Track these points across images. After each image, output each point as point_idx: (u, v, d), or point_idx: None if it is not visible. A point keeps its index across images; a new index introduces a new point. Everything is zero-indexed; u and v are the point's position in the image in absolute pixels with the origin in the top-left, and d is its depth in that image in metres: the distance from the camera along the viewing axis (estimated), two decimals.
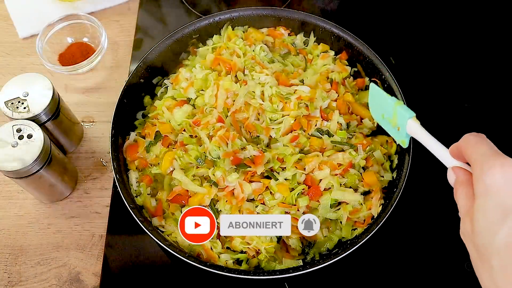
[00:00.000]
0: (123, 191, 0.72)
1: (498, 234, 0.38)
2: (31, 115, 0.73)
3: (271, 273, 0.66)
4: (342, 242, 0.73)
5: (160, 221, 0.73)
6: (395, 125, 0.60)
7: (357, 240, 0.68)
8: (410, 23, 1.05)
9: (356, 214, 0.73)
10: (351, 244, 0.68)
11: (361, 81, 0.87)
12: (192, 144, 0.77)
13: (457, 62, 0.99)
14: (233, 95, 0.79)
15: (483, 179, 0.40)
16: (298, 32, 0.93)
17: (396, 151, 0.79)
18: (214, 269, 0.66)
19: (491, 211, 0.39)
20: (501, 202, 0.39)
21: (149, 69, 0.86)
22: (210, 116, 0.78)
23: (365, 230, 0.71)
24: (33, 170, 0.70)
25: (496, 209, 0.39)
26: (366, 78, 0.87)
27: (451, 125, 0.90)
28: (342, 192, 0.73)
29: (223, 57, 0.85)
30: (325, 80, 0.85)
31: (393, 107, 0.59)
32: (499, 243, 0.38)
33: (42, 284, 0.74)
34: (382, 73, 0.83)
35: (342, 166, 0.75)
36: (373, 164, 0.77)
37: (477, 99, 0.94)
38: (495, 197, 0.39)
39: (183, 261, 0.66)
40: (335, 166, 0.75)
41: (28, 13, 1.03)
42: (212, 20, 0.90)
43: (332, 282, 0.75)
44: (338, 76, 0.86)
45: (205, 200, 0.73)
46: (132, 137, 0.81)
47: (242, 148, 0.75)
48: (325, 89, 0.83)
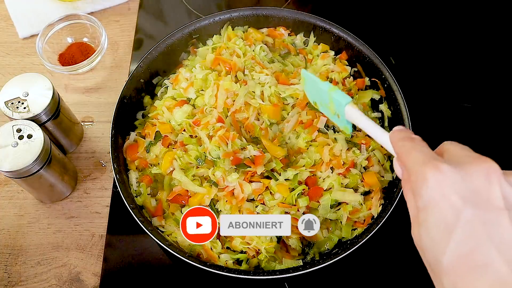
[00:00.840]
0: (123, 191, 0.72)
1: (445, 254, 0.34)
2: (31, 115, 0.73)
3: (271, 273, 0.66)
4: (342, 242, 0.73)
5: (160, 221, 0.73)
6: (334, 113, 0.55)
7: (357, 240, 0.68)
8: (410, 23, 1.05)
9: (356, 214, 0.73)
10: (351, 244, 0.68)
11: (361, 81, 0.87)
12: (192, 144, 0.77)
13: (457, 62, 0.99)
14: (233, 95, 0.79)
15: (421, 194, 0.37)
16: (298, 32, 0.93)
17: None
18: (214, 269, 0.66)
19: (433, 229, 0.36)
20: (442, 218, 0.35)
21: (149, 69, 0.86)
22: (210, 116, 0.78)
23: (365, 230, 0.71)
24: (33, 170, 0.70)
25: (438, 226, 0.35)
26: (366, 78, 0.87)
27: (451, 125, 0.90)
28: (342, 192, 0.73)
29: (223, 57, 0.85)
30: (325, 79, 0.85)
31: (327, 93, 0.54)
32: (447, 264, 0.35)
33: (42, 284, 0.74)
34: (382, 73, 0.83)
35: (346, 164, 0.75)
36: (374, 164, 0.77)
37: (477, 99, 0.94)
38: (435, 213, 0.36)
39: (183, 261, 0.66)
40: (340, 165, 0.75)
41: (28, 13, 1.03)
42: (212, 20, 0.90)
43: (332, 282, 0.75)
44: (338, 76, 0.86)
45: (205, 200, 0.73)
46: (132, 137, 0.81)
47: (242, 148, 0.75)
48: None
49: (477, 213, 0.34)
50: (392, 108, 0.82)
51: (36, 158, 0.68)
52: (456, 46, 1.01)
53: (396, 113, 0.80)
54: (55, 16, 0.95)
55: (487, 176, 0.35)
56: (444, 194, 0.35)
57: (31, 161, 0.68)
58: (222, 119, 0.78)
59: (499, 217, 0.34)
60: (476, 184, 0.35)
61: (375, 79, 0.85)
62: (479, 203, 0.34)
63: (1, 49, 1.00)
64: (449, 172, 0.35)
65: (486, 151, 0.97)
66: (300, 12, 0.91)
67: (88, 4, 1.04)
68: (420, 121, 0.80)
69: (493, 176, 0.35)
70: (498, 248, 0.33)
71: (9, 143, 0.68)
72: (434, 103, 0.92)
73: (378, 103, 0.85)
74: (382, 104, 0.84)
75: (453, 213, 0.34)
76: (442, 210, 0.35)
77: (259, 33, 0.91)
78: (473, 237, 0.33)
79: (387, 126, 0.83)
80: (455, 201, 0.34)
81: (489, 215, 0.34)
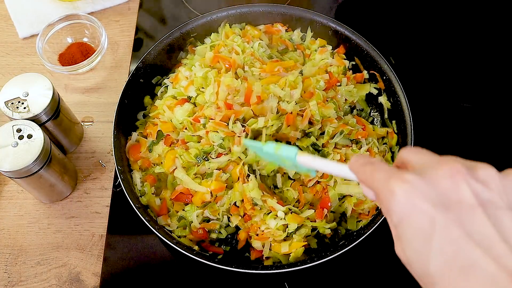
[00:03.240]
0: (128, 191, 0.72)
1: (430, 263, 0.34)
2: (31, 115, 0.73)
3: (279, 267, 0.66)
4: (348, 234, 0.74)
5: (165, 220, 0.74)
6: (292, 165, 0.53)
7: (363, 231, 0.69)
8: (410, 23, 1.05)
9: (361, 206, 0.74)
10: (357, 236, 0.68)
11: (360, 75, 0.88)
12: (193, 141, 0.77)
13: (457, 62, 0.99)
14: (234, 91, 0.79)
15: (393, 210, 0.36)
16: (295, 28, 0.93)
17: (397, 142, 0.80)
18: (222, 265, 0.66)
19: (414, 240, 0.35)
20: (418, 228, 0.34)
21: (148, 69, 0.86)
22: (209, 110, 0.77)
23: (370, 222, 0.71)
24: (33, 170, 0.70)
25: (417, 237, 0.35)
26: (365, 72, 0.87)
27: (451, 125, 0.90)
28: (346, 186, 0.74)
29: (222, 55, 0.84)
30: (324, 73, 0.86)
31: (274, 153, 0.53)
32: (434, 272, 0.34)
33: (42, 284, 0.74)
34: (380, 65, 0.83)
35: (348, 160, 0.75)
36: (375, 156, 0.77)
37: (477, 99, 0.94)
38: (411, 225, 0.35)
39: (187, 259, 0.66)
40: (342, 161, 0.75)
41: (28, 13, 1.03)
42: (209, 18, 0.90)
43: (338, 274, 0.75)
44: (337, 70, 0.87)
45: (206, 197, 0.73)
46: (134, 137, 0.81)
47: None
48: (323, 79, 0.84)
49: (451, 216, 0.34)
50: (391, 100, 0.83)
51: (36, 158, 0.68)
52: (456, 46, 1.01)
53: (395, 104, 0.81)
54: (55, 16, 0.95)
55: (452, 177, 0.35)
56: (414, 204, 0.34)
57: (31, 161, 0.68)
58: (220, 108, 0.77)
59: (474, 215, 0.33)
60: (443, 187, 0.35)
61: (374, 72, 0.85)
62: (451, 205, 0.34)
63: (1, 49, 1.00)
64: (415, 180, 0.35)
65: (486, 151, 0.97)
66: (296, 8, 0.91)
67: (88, 4, 1.04)
68: (420, 121, 0.80)
69: (457, 176, 0.35)
70: (480, 246, 0.32)
71: (9, 143, 0.68)
72: (434, 103, 0.92)
73: (376, 97, 0.86)
74: (381, 97, 0.85)
75: (427, 221, 0.34)
76: (417, 220, 0.35)
77: (256, 30, 0.91)
78: (453, 241, 0.33)
79: (387, 118, 0.84)
80: (426, 208, 0.34)
81: (463, 215, 0.34)
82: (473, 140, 0.89)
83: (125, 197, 0.72)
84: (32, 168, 0.69)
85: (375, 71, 0.85)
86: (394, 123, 0.82)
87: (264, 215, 0.72)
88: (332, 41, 0.91)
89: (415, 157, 0.39)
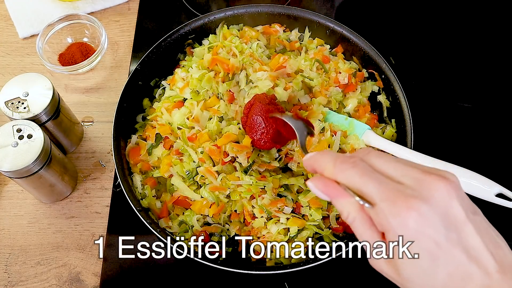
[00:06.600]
0: (129, 194, 0.72)
1: (437, 279, 0.37)
2: (31, 115, 0.73)
3: (278, 268, 0.66)
4: (348, 234, 0.73)
5: (166, 222, 0.74)
6: None
7: None
8: (410, 23, 1.05)
9: None
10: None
11: (360, 74, 0.87)
12: (186, 153, 0.76)
13: (457, 62, 0.99)
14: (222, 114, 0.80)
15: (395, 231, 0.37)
16: (293, 28, 0.93)
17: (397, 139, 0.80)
18: (224, 267, 0.66)
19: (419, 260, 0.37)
20: (424, 248, 0.36)
21: (147, 71, 0.85)
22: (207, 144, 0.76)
23: None
24: (33, 170, 0.70)
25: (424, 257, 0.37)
26: (364, 70, 0.87)
27: (451, 125, 0.90)
28: None
29: (221, 57, 0.84)
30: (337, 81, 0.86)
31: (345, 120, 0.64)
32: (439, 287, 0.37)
33: (42, 284, 0.74)
34: (379, 64, 0.83)
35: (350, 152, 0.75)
36: None
37: (477, 99, 0.94)
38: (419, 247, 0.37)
39: (188, 260, 0.66)
40: None
41: (28, 13, 1.03)
42: (207, 20, 0.90)
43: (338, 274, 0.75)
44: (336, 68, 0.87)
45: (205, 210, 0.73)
46: (133, 140, 0.80)
47: None
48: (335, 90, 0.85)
49: (452, 235, 0.36)
50: (390, 98, 0.83)
51: (36, 158, 0.68)
52: (456, 46, 1.01)
53: (395, 103, 0.81)
54: (55, 16, 0.95)
55: (448, 196, 0.37)
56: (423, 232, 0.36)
57: (31, 161, 0.68)
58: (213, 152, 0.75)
59: (465, 230, 0.37)
60: (443, 209, 0.37)
61: (372, 71, 0.85)
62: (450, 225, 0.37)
63: (1, 49, 1.00)
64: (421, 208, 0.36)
65: (486, 151, 0.97)
66: (294, 8, 0.91)
67: (88, 4, 1.04)
68: (420, 121, 0.80)
69: (452, 192, 0.37)
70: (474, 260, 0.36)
71: (9, 143, 0.68)
72: (434, 103, 0.92)
73: (376, 95, 0.86)
74: (380, 95, 0.85)
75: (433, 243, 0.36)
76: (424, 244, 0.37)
77: (254, 31, 0.91)
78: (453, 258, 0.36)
79: (386, 117, 0.84)
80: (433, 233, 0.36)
81: (460, 233, 0.37)
82: (473, 140, 0.89)
83: (125, 197, 0.72)
84: (32, 168, 0.69)
85: (373, 69, 0.85)
86: (393, 121, 0.82)
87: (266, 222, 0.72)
88: (330, 41, 0.91)
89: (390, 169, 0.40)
